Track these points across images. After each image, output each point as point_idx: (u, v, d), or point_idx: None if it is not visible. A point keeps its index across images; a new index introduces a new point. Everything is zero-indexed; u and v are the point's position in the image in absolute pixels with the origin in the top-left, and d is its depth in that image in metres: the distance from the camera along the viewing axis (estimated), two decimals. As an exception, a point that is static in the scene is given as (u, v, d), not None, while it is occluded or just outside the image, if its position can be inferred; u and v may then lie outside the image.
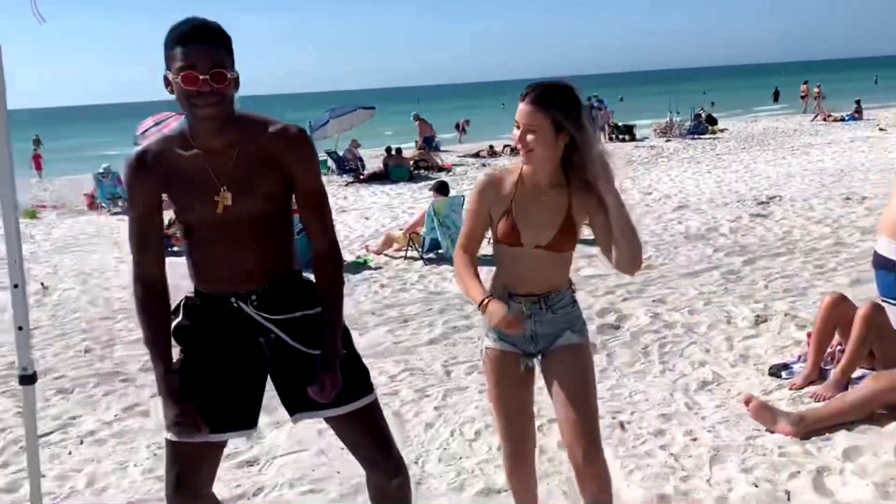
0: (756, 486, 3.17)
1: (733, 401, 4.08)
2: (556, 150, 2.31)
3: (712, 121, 25.06)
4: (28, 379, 2.15)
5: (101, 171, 15.73)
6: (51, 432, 4.29)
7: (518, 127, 2.30)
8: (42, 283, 8.41)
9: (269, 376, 2.31)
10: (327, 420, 2.34)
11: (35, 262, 10.01)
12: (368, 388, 2.33)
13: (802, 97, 32.11)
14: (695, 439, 3.65)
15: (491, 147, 22.55)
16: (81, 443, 4.09)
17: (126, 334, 6.31)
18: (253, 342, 2.26)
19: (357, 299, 6.93)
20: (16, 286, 2.05)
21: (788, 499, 3.07)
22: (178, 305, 2.31)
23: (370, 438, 2.32)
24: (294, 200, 2.24)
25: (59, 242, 11.73)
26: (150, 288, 2.20)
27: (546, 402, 4.04)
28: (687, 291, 6.36)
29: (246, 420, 2.26)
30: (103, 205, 15.29)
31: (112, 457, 3.94)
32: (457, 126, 29.53)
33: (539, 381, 2.61)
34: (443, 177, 15.81)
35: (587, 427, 2.41)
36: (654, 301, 6.12)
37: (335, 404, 2.23)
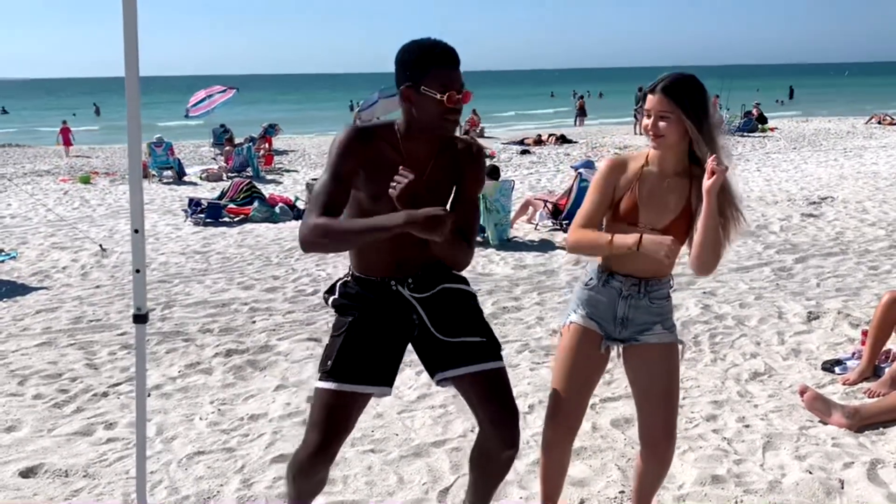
0: (810, 472, 3.21)
1: (786, 392, 4.11)
2: (684, 139, 2.38)
3: (762, 119, 24.68)
4: (141, 318, 2.29)
5: (154, 140, 16.06)
6: (120, 383, 4.49)
7: (648, 116, 2.39)
8: (101, 246, 8.68)
9: (410, 343, 2.52)
10: (459, 382, 2.44)
11: (92, 226, 10.33)
12: (500, 355, 2.48)
13: None
14: (747, 426, 3.70)
15: (539, 136, 22.51)
16: (149, 395, 4.27)
17: (183, 297, 6.52)
18: (406, 317, 2.46)
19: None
20: (136, 231, 2.17)
21: (842, 487, 3.11)
22: (334, 286, 2.54)
23: (500, 401, 2.40)
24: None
25: (114, 207, 12.06)
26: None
27: (600, 383, 4.14)
28: (737, 286, 6.36)
29: (389, 377, 2.46)
30: (154, 173, 15.63)
31: (178, 409, 4.12)
32: (580, 109, 29.70)
33: (609, 366, 2.66)
34: (488, 162, 15.85)
35: (669, 425, 2.57)
36: (704, 293, 6.14)
37: (471, 362, 2.39)
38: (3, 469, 3.44)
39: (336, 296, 2.51)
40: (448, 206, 2.41)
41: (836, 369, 4.40)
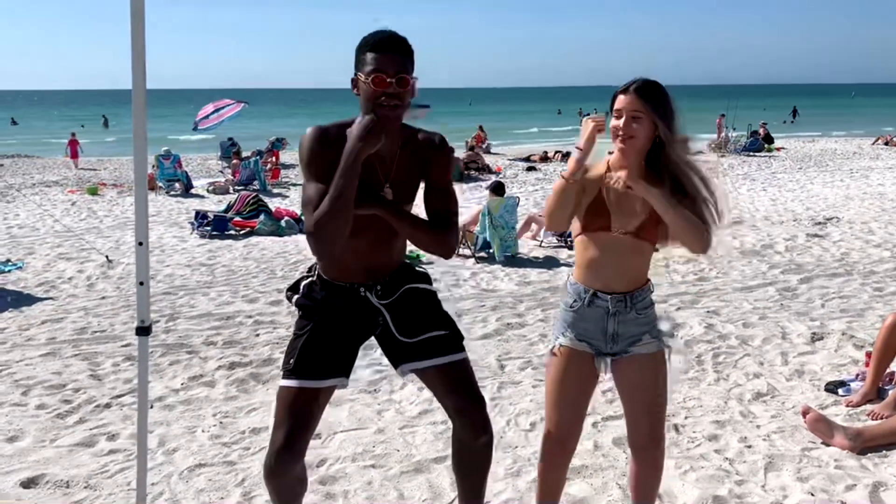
0: (812, 494, 3.20)
1: (789, 413, 4.10)
2: (649, 143, 2.41)
3: (769, 139, 24.70)
4: (144, 330, 2.31)
5: (162, 152, 16.15)
6: (123, 394, 4.50)
7: (619, 116, 2.40)
8: (107, 257, 8.72)
9: (373, 337, 2.56)
10: (424, 374, 2.51)
11: (98, 237, 10.38)
12: (462, 347, 2.55)
13: None
14: (749, 446, 3.69)
15: (545, 152, 22.57)
16: (151, 407, 4.27)
17: (188, 310, 6.53)
18: (371, 319, 2.51)
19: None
20: (140, 244, 2.20)
21: (844, 509, 3.10)
22: (297, 283, 2.56)
23: (465, 390, 2.49)
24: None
25: (121, 219, 12.12)
26: None
27: (601, 400, 4.14)
28: (741, 305, 6.35)
29: (345, 368, 2.50)
30: (161, 185, 15.71)
31: (180, 422, 4.12)
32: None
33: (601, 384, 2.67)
34: (494, 178, 15.90)
35: (656, 429, 2.61)
36: (707, 312, 6.13)
37: (434, 355, 2.46)
38: (5, 479, 3.45)
39: (300, 295, 2.54)
40: (422, 198, 2.44)
41: (840, 391, 4.38)
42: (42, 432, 3.99)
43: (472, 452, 2.55)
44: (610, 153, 2.52)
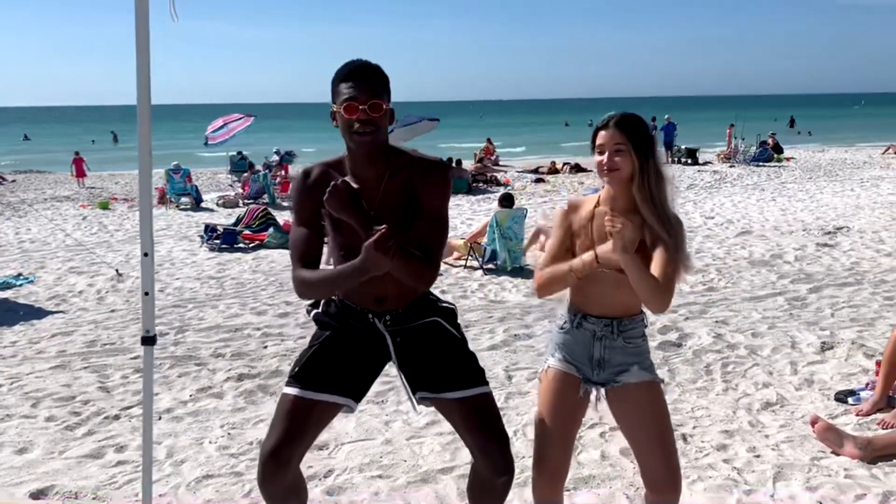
0: (821, 503, 3.18)
1: (798, 422, 4.07)
2: (633, 172, 2.40)
3: (778, 149, 24.64)
4: (149, 340, 2.33)
5: (171, 167, 16.28)
6: (131, 406, 4.52)
7: (601, 152, 2.41)
8: (117, 270, 8.77)
9: (391, 362, 2.51)
10: (443, 406, 2.45)
11: (109, 251, 10.45)
12: (484, 381, 2.47)
13: None
14: (758, 456, 3.66)
15: (553, 163, 22.59)
16: (160, 418, 4.30)
17: (196, 322, 6.56)
18: (382, 344, 2.47)
19: (419, 303, 7.07)
20: (146, 255, 2.22)
21: (854, 519, 3.07)
22: (318, 300, 2.57)
23: (487, 428, 2.39)
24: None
25: (131, 233, 12.19)
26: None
27: (607, 409, 4.12)
28: (750, 315, 6.32)
29: (356, 392, 2.48)
30: (172, 199, 15.83)
31: (188, 433, 4.14)
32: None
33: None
34: (502, 190, 15.94)
35: (671, 469, 2.47)
36: (716, 322, 6.11)
37: (452, 388, 2.40)
38: (15, 490, 3.47)
39: (319, 310, 2.56)
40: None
41: (850, 400, 4.36)
42: (51, 444, 4.01)
43: (491, 490, 2.46)
44: (595, 190, 2.52)
